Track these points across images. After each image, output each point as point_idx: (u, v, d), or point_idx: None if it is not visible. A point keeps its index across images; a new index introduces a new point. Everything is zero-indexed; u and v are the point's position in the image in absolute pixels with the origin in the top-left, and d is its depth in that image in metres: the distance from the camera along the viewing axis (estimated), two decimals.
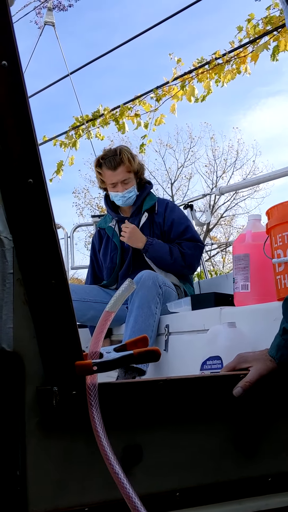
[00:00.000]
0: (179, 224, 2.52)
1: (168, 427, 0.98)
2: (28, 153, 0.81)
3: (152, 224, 2.53)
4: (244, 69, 4.43)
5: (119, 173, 2.50)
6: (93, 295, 2.58)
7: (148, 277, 2.16)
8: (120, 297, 0.95)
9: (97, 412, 0.87)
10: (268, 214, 1.45)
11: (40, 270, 0.85)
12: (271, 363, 1.03)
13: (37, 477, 0.87)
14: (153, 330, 2.07)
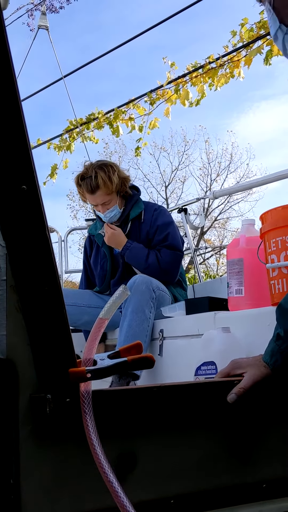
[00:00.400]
0: (161, 231, 2.50)
1: (163, 434, 0.97)
2: (21, 159, 0.80)
3: (139, 233, 2.52)
4: (237, 73, 4.45)
5: (98, 197, 2.48)
6: (86, 300, 2.58)
7: (142, 281, 2.15)
8: (113, 304, 0.94)
9: (91, 420, 0.86)
10: (262, 219, 1.45)
11: (33, 277, 0.84)
12: (265, 369, 1.03)
13: (30, 486, 0.87)
14: (147, 335, 2.07)
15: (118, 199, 2.54)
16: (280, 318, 1.05)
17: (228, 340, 1.38)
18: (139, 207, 2.57)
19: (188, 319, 1.85)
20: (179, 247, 2.51)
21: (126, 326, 2.07)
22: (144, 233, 2.51)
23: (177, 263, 2.48)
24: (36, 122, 25.05)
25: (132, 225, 2.53)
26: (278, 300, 1.38)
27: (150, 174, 19.74)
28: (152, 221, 2.52)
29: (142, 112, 4.97)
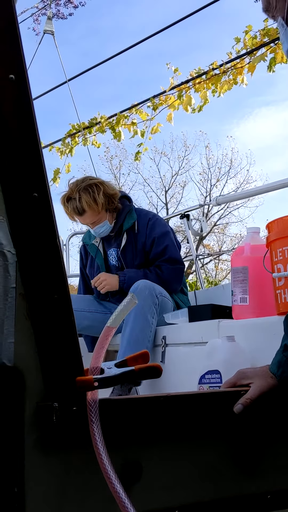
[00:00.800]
0: (158, 243, 2.45)
1: (169, 443, 0.97)
2: (34, 167, 0.80)
3: (135, 243, 2.48)
4: (241, 80, 4.46)
5: (86, 218, 2.46)
6: (87, 305, 2.57)
7: (145, 287, 2.15)
8: (121, 312, 0.94)
9: (97, 429, 0.86)
10: (268, 228, 1.45)
11: (43, 285, 0.84)
12: (272, 380, 1.03)
13: (35, 494, 0.86)
14: (149, 341, 2.06)
15: (108, 215, 2.50)
16: (287, 328, 1.05)
17: (233, 349, 1.38)
18: (132, 217, 2.52)
19: (191, 326, 1.85)
20: (179, 259, 2.48)
21: (128, 331, 2.06)
22: (140, 244, 2.47)
23: (179, 276, 2.45)
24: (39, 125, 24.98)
25: (127, 236, 2.50)
26: (284, 309, 1.37)
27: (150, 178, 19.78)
28: (147, 232, 2.47)
29: (144, 117, 4.98)
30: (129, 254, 2.47)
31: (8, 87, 0.76)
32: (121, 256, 2.49)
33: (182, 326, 1.95)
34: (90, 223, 2.49)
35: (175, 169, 19.71)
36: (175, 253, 2.46)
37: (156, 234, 2.46)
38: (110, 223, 2.51)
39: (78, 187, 2.43)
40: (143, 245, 2.46)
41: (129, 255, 2.47)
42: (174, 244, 2.48)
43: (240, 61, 4.41)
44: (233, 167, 19.50)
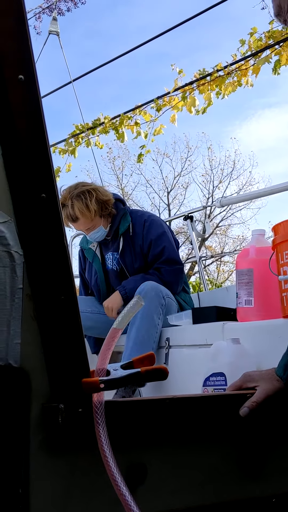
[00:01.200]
0: (155, 245, 2.44)
1: (174, 446, 0.97)
2: (42, 168, 0.80)
3: (132, 246, 2.48)
4: (245, 82, 4.46)
5: (80, 225, 2.47)
6: (89, 306, 2.57)
7: (151, 288, 2.15)
8: (128, 313, 0.94)
9: (103, 431, 0.85)
10: (275, 230, 1.44)
11: (50, 286, 0.84)
12: (278, 383, 1.02)
13: (40, 495, 0.86)
14: (155, 341, 2.06)
15: (103, 220, 2.49)
16: None
17: (238, 352, 1.37)
18: (126, 221, 2.51)
19: (196, 328, 1.84)
20: (178, 259, 2.47)
21: (134, 331, 2.06)
22: (138, 246, 2.47)
23: (180, 276, 2.45)
24: None
25: (124, 239, 2.49)
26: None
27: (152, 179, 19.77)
28: (144, 234, 2.46)
29: (148, 118, 4.98)
30: (128, 258, 2.47)
31: (18, 88, 0.76)
32: (120, 260, 2.49)
33: (186, 327, 1.95)
34: (85, 229, 2.49)
35: (177, 170, 19.72)
36: (173, 254, 2.45)
37: (153, 236, 2.45)
38: (105, 228, 2.51)
39: (70, 194, 2.42)
40: (140, 248, 2.46)
41: (128, 258, 2.47)
42: (171, 244, 2.47)
43: (244, 63, 4.40)
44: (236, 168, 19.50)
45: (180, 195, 19.71)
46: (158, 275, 2.37)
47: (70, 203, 2.40)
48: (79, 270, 2.78)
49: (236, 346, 1.38)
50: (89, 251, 2.64)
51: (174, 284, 2.40)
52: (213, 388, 1.37)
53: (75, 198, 2.40)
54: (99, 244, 2.62)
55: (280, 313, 1.44)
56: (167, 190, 19.67)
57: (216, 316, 1.78)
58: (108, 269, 2.57)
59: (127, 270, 2.48)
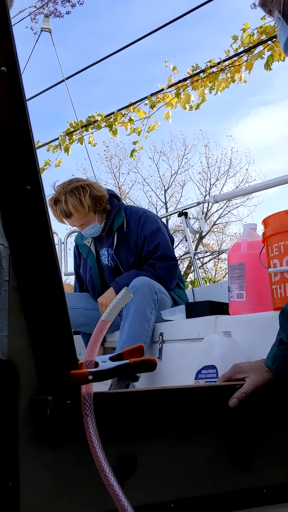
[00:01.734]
0: (150, 241, 2.45)
1: (164, 437, 0.97)
2: (26, 159, 0.80)
3: (127, 241, 2.48)
4: (238, 78, 4.46)
5: (74, 220, 2.47)
6: (83, 302, 2.58)
7: (144, 283, 2.15)
8: (116, 306, 0.94)
9: (92, 422, 0.85)
10: (265, 223, 1.45)
11: (36, 278, 0.84)
12: (267, 374, 1.03)
13: (29, 488, 0.86)
14: (147, 336, 2.07)
15: (97, 216, 2.50)
16: (283, 323, 1.05)
17: (230, 345, 1.38)
18: (121, 216, 2.52)
19: (189, 322, 1.85)
20: (172, 255, 2.48)
21: (127, 326, 2.06)
22: (132, 242, 2.48)
23: (173, 272, 2.45)
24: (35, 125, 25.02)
25: (118, 235, 2.50)
26: (280, 304, 1.37)
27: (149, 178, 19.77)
28: (138, 230, 2.47)
29: (142, 115, 4.98)
30: (123, 253, 2.47)
31: (0, 80, 0.76)
32: (115, 256, 2.49)
33: (180, 322, 1.95)
34: (79, 225, 2.50)
35: (174, 168, 19.73)
36: (168, 250, 2.45)
37: (147, 231, 2.45)
38: (100, 223, 2.51)
39: (64, 189, 2.43)
40: (135, 243, 2.46)
41: (123, 254, 2.47)
42: (166, 240, 2.48)
43: (238, 59, 4.41)
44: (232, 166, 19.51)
45: (177, 193, 19.73)
46: (152, 271, 2.37)
47: (64, 198, 2.40)
48: (74, 267, 2.79)
49: (228, 339, 1.39)
50: (83, 247, 2.64)
51: (168, 280, 2.40)
52: (205, 380, 1.37)
53: (68, 194, 2.40)
54: (93, 240, 2.63)
55: (271, 305, 1.45)
56: (164, 188, 19.67)
57: (209, 310, 1.78)
58: (103, 265, 2.58)
59: (121, 266, 2.48)
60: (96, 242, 2.63)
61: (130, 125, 5.04)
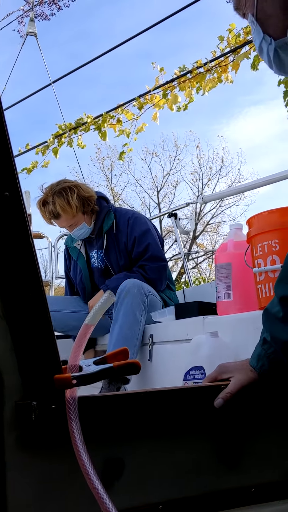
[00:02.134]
0: (139, 242, 2.46)
1: (150, 439, 0.97)
2: (4, 166, 0.80)
3: (117, 243, 2.49)
4: (225, 78, 4.48)
5: (62, 221, 2.49)
6: (73, 306, 2.59)
7: (133, 285, 2.16)
8: (99, 309, 0.94)
9: (76, 426, 0.86)
10: (249, 223, 1.46)
11: (17, 283, 0.84)
12: (252, 374, 1.03)
13: (16, 493, 0.86)
14: (138, 338, 2.07)
15: (86, 217, 2.51)
16: (266, 322, 1.06)
17: (217, 345, 1.38)
18: (110, 218, 2.53)
19: (178, 324, 1.85)
20: (162, 256, 2.48)
21: (117, 328, 2.07)
22: (122, 244, 2.48)
23: (163, 273, 2.46)
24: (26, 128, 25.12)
25: (108, 237, 2.51)
26: (265, 304, 1.38)
27: (142, 179, 19.77)
28: (128, 231, 2.48)
29: (130, 117, 4.99)
30: (113, 255, 2.48)
31: None
32: (105, 258, 2.50)
33: (169, 323, 1.96)
34: (67, 226, 2.51)
35: (166, 169, 19.75)
36: (157, 251, 2.46)
37: (137, 233, 2.46)
38: (89, 225, 2.52)
39: (52, 190, 2.44)
40: (125, 245, 2.47)
41: (113, 256, 2.48)
42: (155, 241, 2.49)
43: (224, 59, 4.42)
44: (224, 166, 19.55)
45: (170, 194, 19.74)
46: (142, 273, 2.38)
47: (52, 199, 2.42)
48: (65, 270, 2.79)
49: (214, 339, 1.39)
50: (74, 250, 2.65)
51: (158, 281, 2.41)
52: (193, 381, 1.38)
53: (56, 195, 2.42)
54: (83, 242, 2.63)
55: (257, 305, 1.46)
56: (157, 189, 19.69)
57: (198, 311, 1.79)
58: (93, 267, 2.58)
59: (112, 268, 2.49)
60: (86, 245, 2.64)
61: (119, 126, 5.05)
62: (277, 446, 1.08)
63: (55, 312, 2.47)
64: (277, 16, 0.89)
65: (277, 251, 1.34)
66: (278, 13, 0.88)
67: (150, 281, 2.35)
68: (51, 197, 2.43)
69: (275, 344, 1.01)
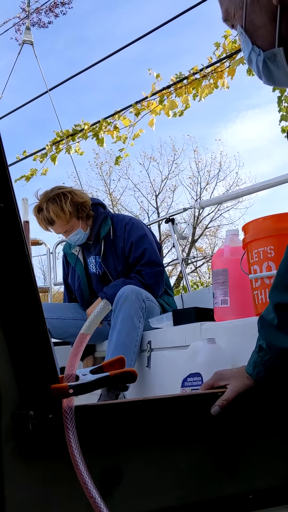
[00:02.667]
0: (136, 248, 2.47)
1: (148, 447, 0.97)
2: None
3: (114, 249, 2.50)
4: (221, 84, 4.50)
5: (57, 227, 2.51)
6: (72, 313, 2.59)
7: (132, 291, 2.16)
8: (95, 318, 0.95)
9: (73, 436, 0.86)
10: (244, 229, 1.46)
11: (13, 294, 0.85)
12: (248, 381, 1.03)
13: (15, 503, 0.86)
14: (136, 345, 2.07)
15: (81, 222, 2.52)
16: (261, 329, 1.06)
17: (214, 351, 1.39)
18: (107, 224, 2.55)
19: (175, 330, 1.86)
20: (159, 261, 2.49)
21: (115, 335, 2.07)
22: (119, 249, 2.50)
23: (161, 278, 2.47)
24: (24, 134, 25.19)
25: (105, 243, 2.52)
26: (261, 310, 1.38)
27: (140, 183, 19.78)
28: (125, 237, 2.49)
29: (127, 123, 5.01)
30: (111, 261, 2.49)
31: None
32: (103, 264, 2.50)
33: (167, 330, 1.96)
34: (63, 232, 2.52)
35: (164, 173, 19.77)
36: (154, 255, 2.47)
37: (133, 238, 2.47)
38: (85, 230, 2.53)
39: (46, 197, 2.46)
40: (122, 250, 2.48)
41: (111, 261, 2.49)
42: (152, 246, 2.50)
43: (220, 65, 4.44)
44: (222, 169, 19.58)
45: (168, 198, 19.76)
46: (139, 278, 2.38)
47: (46, 206, 2.45)
48: (63, 276, 2.80)
49: (212, 346, 1.39)
50: (71, 256, 2.66)
51: (155, 286, 2.42)
52: (190, 388, 1.38)
53: (50, 201, 2.44)
54: (81, 248, 2.64)
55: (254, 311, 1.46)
56: (155, 194, 19.69)
57: (196, 317, 1.79)
58: (91, 273, 2.59)
59: (110, 274, 2.50)
60: (84, 251, 2.65)
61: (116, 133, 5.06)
62: (274, 452, 1.08)
63: (53, 319, 2.47)
64: (265, 28, 0.89)
65: (272, 257, 1.35)
66: (267, 25, 0.89)
67: (148, 287, 2.36)
68: (45, 203, 2.45)
69: (271, 351, 1.01)
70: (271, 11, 0.87)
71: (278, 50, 0.89)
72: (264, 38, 0.90)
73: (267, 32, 0.89)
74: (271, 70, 0.93)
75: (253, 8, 0.89)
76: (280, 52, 0.89)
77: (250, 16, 0.90)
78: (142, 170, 20.06)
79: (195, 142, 23.90)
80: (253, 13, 0.90)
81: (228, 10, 0.94)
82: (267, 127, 26.76)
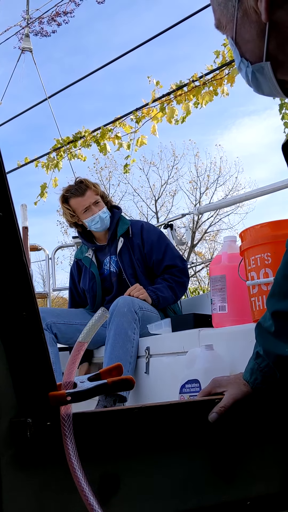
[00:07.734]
0: (158, 248, 2.55)
1: (146, 454, 0.98)
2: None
3: (131, 248, 2.55)
4: (221, 91, 4.52)
5: (88, 197, 2.59)
6: (79, 318, 2.60)
7: (123, 303, 2.15)
8: (92, 327, 0.95)
9: (71, 443, 0.86)
10: (241, 236, 1.47)
11: (11, 302, 0.85)
12: (245, 387, 1.04)
13: (12, 511, 0.86)
14: (131, 356, 2.06)
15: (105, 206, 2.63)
16: (258, 336, 1.07)
17: (211, 358, 1.39)
18: (125, 223, 2.62)
19: (174, 336, 1.86)
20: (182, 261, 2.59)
21: (109, 348, 2.07)
22: (136, 247, 2.55)
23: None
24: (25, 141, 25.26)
25: (123, 241, 2.57)
26: (259, 316, 1.39)
27: (140, 188, 19.81)
28: (143, 237, 2.57)
29: (128, 130, 5.02)
30: (126, 258, 2.52)
31: None
32: (118, 259, 2.53)
33: (165, 336, 1.97)
34: (93, 201, 2.58)
35: (164, 178, 19.80)
36: (177, 257, 2.59)
37: (154, 238, 2.58)
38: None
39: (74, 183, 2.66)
40: (139, 248, 2.54)
41: (126, 259, 2.52)
42: (172, 248, 2.62)
43: (219, 73, 4.46)
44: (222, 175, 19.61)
45: (168, 203, 19.78)
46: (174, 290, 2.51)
47: (79, 181, 2.63)
48: (70, 285, 2.82)
49: (210, 352, 1.40)
50: (86, 259, 2.70)
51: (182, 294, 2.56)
52: (188, 395, 1.38)
53: (79, 181, 2.63)
54: (94, 252, 2.67)
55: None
56: (155, 198, 19.72)
57: (194, 323, 1.80)
58: (107, 273, 2.61)
59: (124, 271, 2.52)
60: (97, 254, 2.68)
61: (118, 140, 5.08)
62: (271, 458, 1.09)
63: (60, 323, 2.49)
64: (254, 42, 0.90)
65: (269, 264, 1.36)
66: (255, 40, 0.90)
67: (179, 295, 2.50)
68: (74, 184, 2.64)
69: (268, 358, 1.02)
70: (260, 26, 0.88)
71: (266, 64, 0.90)
72: (253, 52, 0.91)
73: (255, 46, 0.90)
74: (260, 81, 0.94)
75: (243, 22, 0.90)
76: (267, 66, 0.90)
77: (240, 29, 0.91)
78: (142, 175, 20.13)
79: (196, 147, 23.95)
80: (243, 27, 0.91)
81: (220, 20, 0.95)
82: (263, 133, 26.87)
